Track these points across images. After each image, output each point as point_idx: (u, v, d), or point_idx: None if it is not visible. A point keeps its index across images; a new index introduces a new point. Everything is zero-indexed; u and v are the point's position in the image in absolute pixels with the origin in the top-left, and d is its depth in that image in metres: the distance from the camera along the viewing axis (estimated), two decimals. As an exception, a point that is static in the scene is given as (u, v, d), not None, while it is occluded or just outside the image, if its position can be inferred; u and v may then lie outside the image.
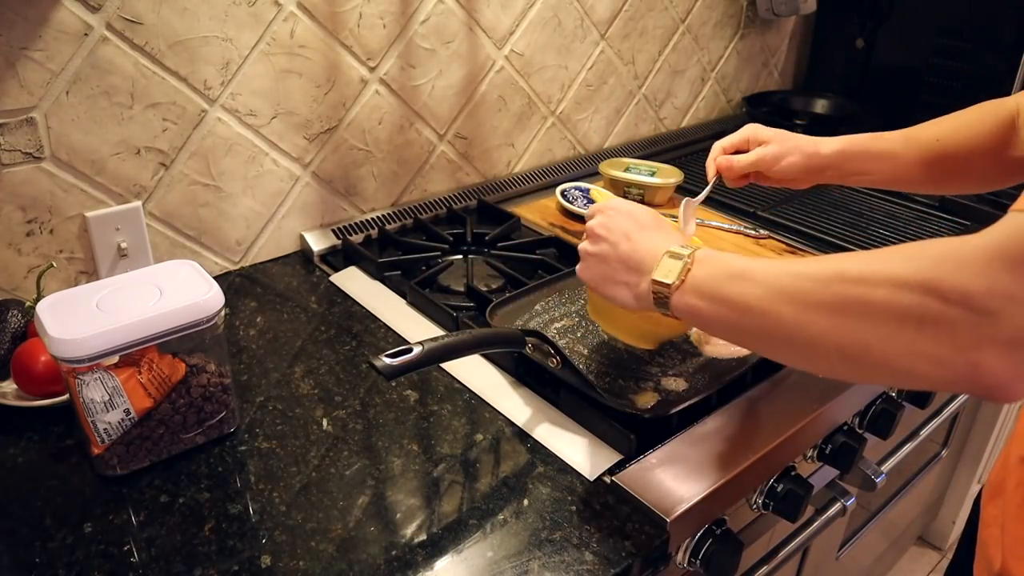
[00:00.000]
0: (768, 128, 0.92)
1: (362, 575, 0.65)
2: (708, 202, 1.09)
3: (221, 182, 1.06)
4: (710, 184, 0.92)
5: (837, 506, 0.95)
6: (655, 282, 0.64)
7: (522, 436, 0.81)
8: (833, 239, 1.23)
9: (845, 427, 0.91)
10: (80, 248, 0.98)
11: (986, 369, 0.45)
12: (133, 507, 0.71)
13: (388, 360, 0.68)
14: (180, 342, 0.74)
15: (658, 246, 0.66)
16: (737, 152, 0.92)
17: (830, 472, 0.97)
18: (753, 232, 1.24)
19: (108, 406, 0.71)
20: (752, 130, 0.92)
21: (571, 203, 1.30)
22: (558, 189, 1.34)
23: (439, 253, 1.16)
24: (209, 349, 0.77)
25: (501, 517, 0.71)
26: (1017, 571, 0.66)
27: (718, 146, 0.92)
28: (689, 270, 0.62)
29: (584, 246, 0.74)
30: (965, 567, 0.80)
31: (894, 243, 0.92)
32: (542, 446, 0.79)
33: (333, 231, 1.19)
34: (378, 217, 1.23)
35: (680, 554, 0.75)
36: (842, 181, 0.91)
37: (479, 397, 0.86)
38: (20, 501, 0.72)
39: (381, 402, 0.86)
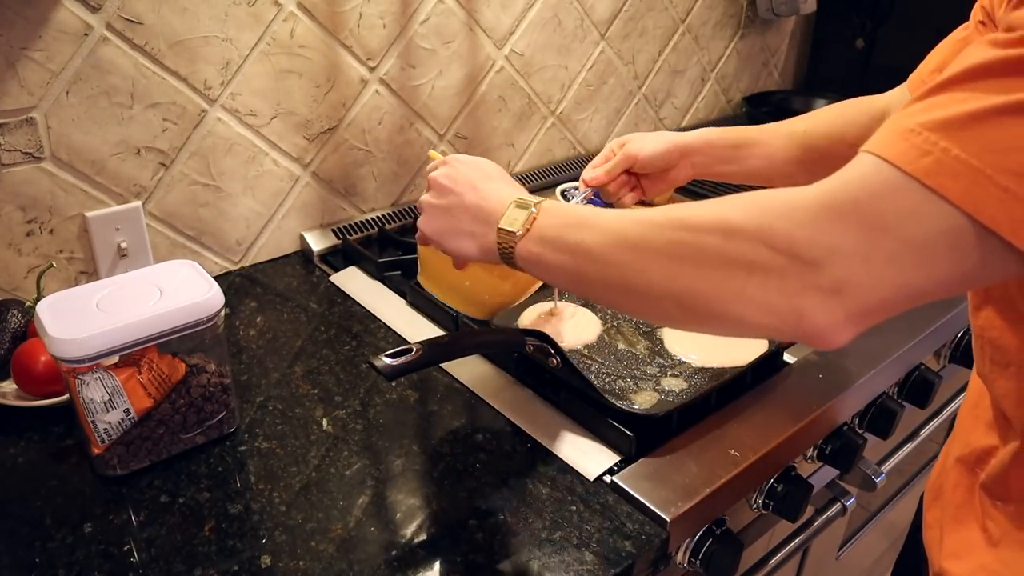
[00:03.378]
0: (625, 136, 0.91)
1: (362, 575, 0.65)
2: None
3: (221, 182, 1.06)
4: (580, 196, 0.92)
5: (837, 506, 0.95)
6: (501, 231, 0.63)
7: (522, 436, 0.81)
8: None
9: (845, 427, 0.90)
10: (80, 248, 0.98)
11: (809, 316, 0.46)
12: (133, 507, 0.71)
13: (388, 360, 0.68)
14: (180, 342, 0.74)
15: (505, 196, 0.65)
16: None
17: (830, 472, 0.97)
18: None
19: (108, 406, 0.71)
20: (614, 143, 0.91)
21: (571, 203, 1.30)
22: (558, 189, 1.34)
23: (439, 253, 1.15)
24: (209, 349, 0.77)
25: (501, 517, 0.71)
26: (953, 570, 0.66)
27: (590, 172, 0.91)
28: (535, 219, 0.61)
29: (427, 198, 0.70)
30: (911, 561, 0.80)
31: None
32: (542, 446, 0.79)
33: (333, 231, 1.18)
34: (378, 217, 1.23)
35: (680, 554, 0.75)
36: (708, 170, 0.90)
37: (479, 397, 0.86)
38: (20, 501, 0.72)
39: (381, 402, 0.86)
